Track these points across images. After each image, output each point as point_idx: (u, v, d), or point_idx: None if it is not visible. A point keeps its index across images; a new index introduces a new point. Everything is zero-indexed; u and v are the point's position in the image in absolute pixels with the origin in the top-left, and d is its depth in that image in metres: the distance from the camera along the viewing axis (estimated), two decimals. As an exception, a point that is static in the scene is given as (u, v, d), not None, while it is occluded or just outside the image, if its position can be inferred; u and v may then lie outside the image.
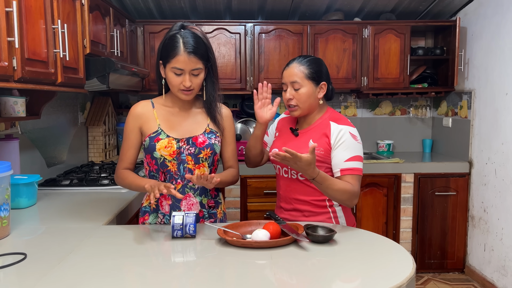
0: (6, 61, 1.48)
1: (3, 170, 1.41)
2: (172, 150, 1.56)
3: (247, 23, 3.33)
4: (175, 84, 1.53)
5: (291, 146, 1.66)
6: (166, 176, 1.60)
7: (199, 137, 1.60)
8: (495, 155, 2.98)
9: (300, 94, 1.61)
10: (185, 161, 1.58)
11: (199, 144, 1.59)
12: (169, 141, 1.57)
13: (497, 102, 2.96)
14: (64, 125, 2.78)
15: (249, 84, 3.35)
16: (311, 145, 1.42)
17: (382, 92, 3.47)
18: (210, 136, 1.62)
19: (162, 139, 1.57)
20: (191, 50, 1.48)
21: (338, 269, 1.22)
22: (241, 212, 3.18)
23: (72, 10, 2.05)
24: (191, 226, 1.41)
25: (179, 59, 1.48)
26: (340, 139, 1.58)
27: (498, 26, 2.94)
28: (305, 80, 1.61)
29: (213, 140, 1.62)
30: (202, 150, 1.59)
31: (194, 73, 1.52)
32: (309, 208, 1.65)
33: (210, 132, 1.63)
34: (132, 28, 3.12)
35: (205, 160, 1.61)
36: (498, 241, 2.94)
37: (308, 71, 1.61)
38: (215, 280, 1.15)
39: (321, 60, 1.68)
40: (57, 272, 1.16)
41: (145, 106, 1.64)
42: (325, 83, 1.65)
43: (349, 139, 1.58)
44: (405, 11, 3.55)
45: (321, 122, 1.66)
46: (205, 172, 1.44)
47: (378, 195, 3.24)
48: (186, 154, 1.58)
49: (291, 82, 1.62)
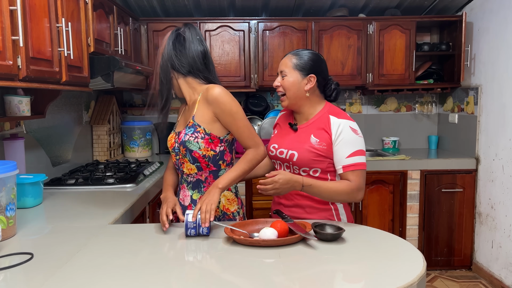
0: (11, 60, 1.47)
1: (8, 170, 1.40)
2: (170, 143, 1.66)
3: (251, 20, 3.31)
4: None
5: (290, 140, 1.66)
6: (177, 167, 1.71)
7: (182, 131, 1.60)
8: (502, 151, 2.95)
9: (285, 81, 1.65)
10: (178, 153, 1.63)
11: (179, 140, 1.60)
12: (173, 134, 1.67)
13: (504, 97, 2.93)
14: (69, 124, 2.78)
15: (253, 82, 3.34)
16: (268, 174, 1.49)
17: (388, 89, 3.45)
18: (188, 132, 1.56)
19: (171, 134, 1.69)
20: None
21: (347, 267, 1.20)
22: (246, 210, 3.17)
23: (76, 9, 2.04)
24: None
25: None
26: (340, 134, 1.57)
27: (505, 20, 2.90)
28: (292, 69, 1.64)
29: (188, 136, 1.55)
30: (180, 146, 1.59)
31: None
32: (311, 204, 1.64)
33: (192, 126, 1.56)
34: (136, 26, 3.11)
35: (184, 156, 1.59)
36: (506, 237, 2.91)
37: (297, 61, 1.64)
38: (223, 279, 1.13)
39: (318, 55, 1.68)
40: (65, 272, 1.15)
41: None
42: (314, 76, 1.63)
43: (349, 134, 1.57)
44: (410, 7, 3.52)
45: (320, 117, 1.64)
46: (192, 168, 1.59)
47: (384, 192, 3.22)
48: (176, 148, 1.64)
49: (281, 70, 1.68)
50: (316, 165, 1.60)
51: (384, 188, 3.22)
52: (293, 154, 1.62)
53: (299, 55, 1.65)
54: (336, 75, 3.37)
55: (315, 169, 1.61)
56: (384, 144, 3.73)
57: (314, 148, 1.59)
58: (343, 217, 1.66)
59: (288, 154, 1.63)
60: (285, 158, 1.64)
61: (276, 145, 1.70)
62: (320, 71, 1.65)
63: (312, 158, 1.59)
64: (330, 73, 3.46)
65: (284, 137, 1.69)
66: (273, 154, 1.71)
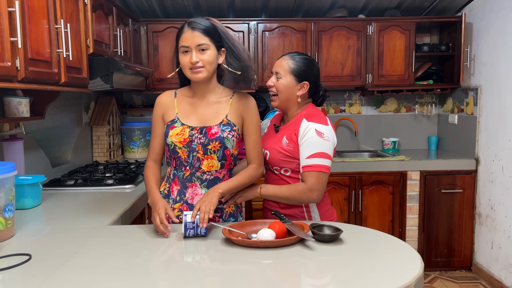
0: (9, 61, 1.47)
1: (7, 171, 1.41)
2: (183, 138, 1.58)
3: (250, 21, 3.31)
4: (184, 64, 1.54)
5: (269, 140, 1.75)
6: (176, 163, 1.62)
7: (213, 127, 1.58)
8: (502, 152, 2.95)
9: (279, 83, 1.69)
10: (195, 149, 1.58)
11: (210, 135, 1.57)
12: (183, 128, 1.59)
13: (504, 98, 2.93)
14: (69, 125, 2.78)
15: (253, 82, 3.33)
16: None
17: (387, 89, 3.45)
18: (224, 129, 1.58)
19: (176, 127, 1.60)
20: (194, 26, 1.52)
21: (344, 268, 1.20)
22: (246, 211, 3.17)
23: (75, 10, 2.04)
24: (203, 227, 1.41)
25: (184, 36, 1.53)
26: (304, 136, 1.62)
27: (505, 21, 2.90)
28: (288, 73, 1.68)
29: (226, 133, 1.58)
30: (211, 142, 1.57)
31: (201, 48, 1.52)
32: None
33: (227, 124, 1.60)
34: (135, 27, 3.12)
35: (213, 152, 1.58)
36: (506, 238, 2.91)
37: (294, 66, 1.68)
38: (220, 280, 1.14)
39: (313, 61, 1.72)
40: (63, 272, 1.15)
41: (168, 95, 1.67)
42: (307, 83, 1.69)
43: (313, 136, 1.60)
44: (410, 7, 3.52)
45: (297, 119, 1.70)
46: (214, 164, 1.58)
47: (383, 193, 3.22)
48: (197, 143, 1.58)
49: (276, 71, 1.71)
50: (285, 165, 1.68)
51: (384, 189, 3.22)
52: (266, 154, 1.72)
53: (295, 60, 1.68)
54: (336, 75, 3.37)
55: (285, 169, 1.69)
56: (384, 145, 3.72)
57: (283, 148, 1.67)
58: (314, 214, 1.70)
59: (264, 153, 1.72)
60: (264, 157, 1.72)
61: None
62: (313, 78, 1.71)
63: (281, 158, 1.67)
64: (330, 73, 3.50)
65: (267, 138, 1.78)
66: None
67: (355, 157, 3.50)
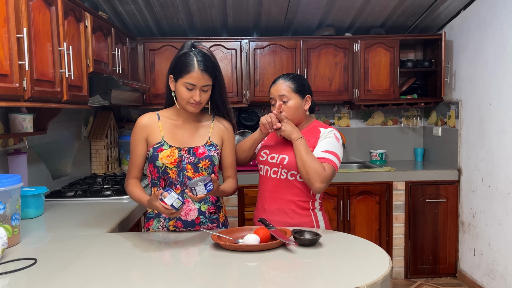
0: (17, 82, 1.61)
1: (14, 183, 1.54)
2: (173, 159, 1.67)
3: (242, 39, 3.48)
4: (185, 97, 1.65)
5: (281, 146, 1.82)
6: (166, 182, 1.71)
7: (200, 148, 1.72)
8: (481, 163, 3.10)
9: (289, 106, 1.78)
10: (185, 168, 1.70)
11: (199, 155, 1.71)
12: (172, 150, 1.68)
13: (482, 112, 3.09)
14: (69, 139, 2.91)
15: (245, 97, 3.49)
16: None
17: (373, 103, 3.61)
18: (210, 148, 1.73)
19: (165, 149, 1.68)
20: (204, 68, 1.63)
21: (322, 269, 1.34)
22: (239, 221, 3.29)
23: (77, 32, 2.19)
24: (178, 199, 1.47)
25: (193, 75, 1.62)
26: (325, 138, 1.77)
27: (481, 39, 3.08)
28: (292, 93, 1.79)
29: (212, 152, 1.73)
30: (201, 160, 1.70)
31: (204, 89, 1.66)
32: (294, 208, 1.77)
33: (211, 144, 1.75)
34: (133, 46, 3.27)
35: (204, 170, 1.72)
36: (487, 245, 3.04)
37: (294, 85, 1.79)
38: (209, 281, 1.26)
39: (303, 76, 1.89)
40: (65, 275, 1.27)
41: (151, 117, 1.75)
42: (309, 96, 1.83)
43: (332, 138, 1.77)
44: (394, 26, 3.70)
45: (311, 129, 1.83)
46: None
47: (371, 202, 3.35)
48: (186, 163, 1.69)
49: (280, 95, 1.79)
50: None
51: (371, 199, 3.35)
52: (284, 158, 1.77)
53: (291, 79, 1.81)
54: (324, 91, 3.53)
55: None
56: (372, 156, 3.87)
57: None
58: (321, 223, 1.80)
59: (279, 158, 1.79)
60: (275, 163, 1.79)
61: (268, 151, 1.85)
62: (310, 91, 1.86)
63: None
64: (319, 88, 3.64)
65: (275, 144, 1.86)
66: (263, 159, 1.84)
67: (344, 168, 3.63)
